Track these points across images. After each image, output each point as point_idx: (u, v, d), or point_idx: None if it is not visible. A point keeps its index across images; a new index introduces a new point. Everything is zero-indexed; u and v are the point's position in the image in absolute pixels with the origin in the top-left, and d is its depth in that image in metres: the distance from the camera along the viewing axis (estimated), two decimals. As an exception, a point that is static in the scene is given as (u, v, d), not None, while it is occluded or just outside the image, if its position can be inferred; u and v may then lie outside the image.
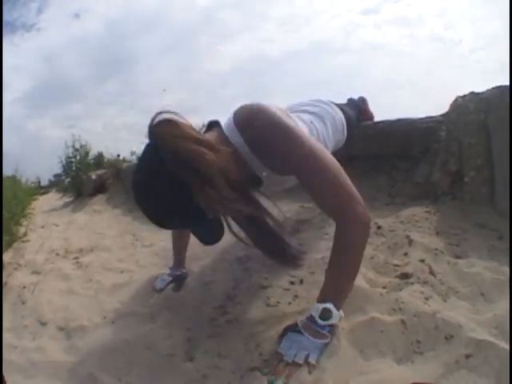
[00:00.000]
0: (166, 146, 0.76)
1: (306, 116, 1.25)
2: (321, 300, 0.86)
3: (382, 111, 1.99)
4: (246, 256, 1.36)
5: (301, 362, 0.78)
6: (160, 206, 0.79)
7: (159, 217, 0.82)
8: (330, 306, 0.83)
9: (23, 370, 1.05)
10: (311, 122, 1.22)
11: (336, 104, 1.50)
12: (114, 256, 1.98)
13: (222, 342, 0.93)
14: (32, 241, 2.69)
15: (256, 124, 0.90)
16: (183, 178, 0.75)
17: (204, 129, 1.03)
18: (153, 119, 0.79)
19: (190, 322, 1.06)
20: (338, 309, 0.84)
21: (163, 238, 1.99)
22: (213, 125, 0.99)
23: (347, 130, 1.47)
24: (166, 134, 0.77)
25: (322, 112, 1.34)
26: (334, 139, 1.34)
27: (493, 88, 1.44)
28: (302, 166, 0.90)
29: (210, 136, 0.91)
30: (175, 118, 0.81)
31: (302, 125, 1.12)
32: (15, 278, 1.82)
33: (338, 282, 0.89)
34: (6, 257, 2.24)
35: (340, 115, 1.43)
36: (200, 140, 0.79)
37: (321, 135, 1.23)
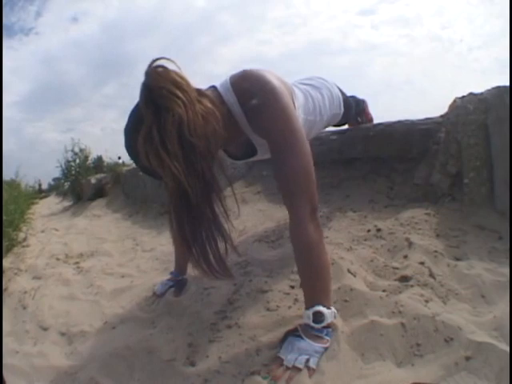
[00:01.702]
0: (144, 84, 0.77)
1: (302, 86, 1.25)
2: (307, 306, 0.86)
3: (380, 112, 2.00)
4: (245, 261, 1.36)
5: (301, 366, 0.78)
6: (125, 131, 0.84)
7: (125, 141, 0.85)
8: (318, 308, 0.83)
9: (25, 374, 1.05)
10: (307, 91, 1.22)
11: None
12: (114, 261, 1.98)
13: (222, 347, 0.93)
14: (32, 245, 2.70)
15: (251, 90, 0.90)
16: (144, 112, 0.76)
17: None
18: (151, 63, 0.80)
19: (191, 326, 1.06)
20: (327, 307, 0.84)
21: (163, 243, 2.00)
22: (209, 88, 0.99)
23: (344, 108, 1.48)
24: (151, 73, 0.77)
25: (318, 84, 1.35)
26: (330, 111, 1.35)
27: (492, 88, 1.45)
28: (279, 141, 0.89)
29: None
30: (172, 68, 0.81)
31: (298, 92, 1.13)
32: (16, 283, 1.83)
33: (312, 282, 0.88)
34: (6, 262, 2.25)
35: (337, 90, 1.44)
36: (180, 85, 0.77)
37: (316, 102, 1.23)
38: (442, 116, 1.67)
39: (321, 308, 0.83)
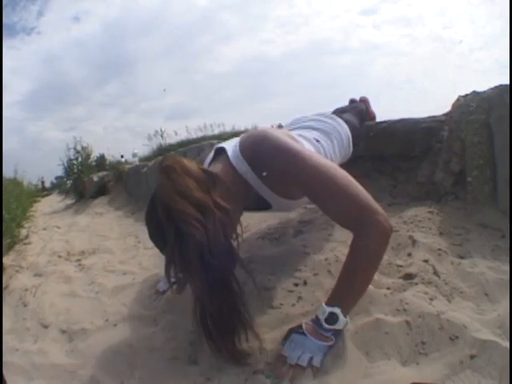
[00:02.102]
0: (160, 197, 0.80)
1: (310, 134, 1.25)
2: (329, 303, 0.84)
3: (382, 112, 1.98)
4: (248, 258, 1.35)
5: (304, 364, 0.77)
6: (151, 232, 0.87)
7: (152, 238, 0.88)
8: (337, 311, 0.81)
9: (25, 372, 1.04)
10: (317, 141, 1.22)
11: (339, 112, 1.49)
12: (116, 258, 1.98)
13: (225, 345, 0.92)
14: (34, 243, 2.70)
15: (261, 151, 0.92)
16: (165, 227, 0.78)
17: (212, 155, 1.05)
18: (162, 160, 0.84)
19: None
20: (345, 315, 0.82)
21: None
22: (220, 152, 1.01)
23: (352, 141, 1.47)
24: (165, 184, 0.80)
25: (328, 128, 1.34)
26: (339, 156, 1.35)
27: (494, 87, 1.44)
28: (312, 188, 0.90)
29: (217, 168, 0.94)
30: (182, 164, 0.84)
31: (308, 146, 1.12)
32: (17, 281, 1.82)
33: (351, 289, 0.86)
34: (7, 259, 2.24)
35: (345, 129, 1.43)
36: (195, 199, 0.78)
37: (328, 154, 1.23)
38: (445, 114, 1.66)
39: (338, 312, 0.81)
